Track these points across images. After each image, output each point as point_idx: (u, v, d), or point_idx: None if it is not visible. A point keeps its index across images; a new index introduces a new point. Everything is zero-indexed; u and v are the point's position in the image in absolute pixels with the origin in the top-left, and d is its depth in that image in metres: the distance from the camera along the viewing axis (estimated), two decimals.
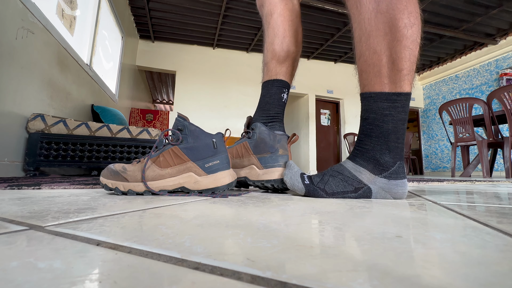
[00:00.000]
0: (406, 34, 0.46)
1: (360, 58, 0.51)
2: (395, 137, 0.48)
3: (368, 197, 0.50)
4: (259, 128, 0.66)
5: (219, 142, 0.58)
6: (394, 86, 0.47)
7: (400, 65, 0.46)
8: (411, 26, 0.46)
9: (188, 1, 3.63)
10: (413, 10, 0.47)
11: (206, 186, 0.56)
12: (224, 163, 0.58)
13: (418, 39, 0.47)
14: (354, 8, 0.51)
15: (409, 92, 0.48)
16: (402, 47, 0.46)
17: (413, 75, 0.48)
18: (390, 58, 0.47)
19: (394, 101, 0.47)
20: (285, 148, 0.66)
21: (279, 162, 0.64)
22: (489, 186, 0.98)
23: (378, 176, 0.49)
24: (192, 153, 0.56)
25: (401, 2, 0.46)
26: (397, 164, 0.49)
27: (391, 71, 0.47)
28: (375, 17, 0.47)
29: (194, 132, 0.57)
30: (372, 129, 0.50)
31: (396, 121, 0.48)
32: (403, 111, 0.48)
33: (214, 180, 0.56)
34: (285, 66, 0.72)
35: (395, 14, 0.46)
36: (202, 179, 0.56)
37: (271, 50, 0.72)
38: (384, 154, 0.48)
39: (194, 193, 0.55)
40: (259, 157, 0.65)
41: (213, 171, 0.56)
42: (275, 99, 0.71)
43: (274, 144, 0.64)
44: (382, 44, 0.47)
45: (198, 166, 0.56)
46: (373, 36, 0.48)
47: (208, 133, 0.58)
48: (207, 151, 0.57)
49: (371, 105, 0.50)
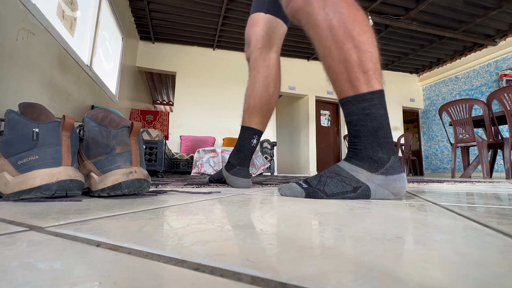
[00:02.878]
0: (362, 40, 0.51)
1: (329, 70, 0.56)
2: (382, 133, 0.51)
3: (367, 196, 0.50)
4: (88, 124, 0.55)
5: (46, 133, 0.46)
6: (366, 86, 0.51)
7: (365, 67, 0.51)
8: (364, 33, 0.52)
9: (188, 2, 3.63)
10: (361, 19, 0.54)
11: (13, 189, 0.43)
12: (48, 159, 0.45)
13: (375, 42, 0.53)
14: (312, 30, 0.57)
15: (381, 89, 0.52)
16: (362, 51, 0.51)
17: (379, 73, 0.52)
18: (355, 64, 0.52)
19: (370, 99, 0.51)
20: (125, 143, 0.54)
21: (117, 163, 0.51)
22: (489, 187, 0.98)
23: (375, 173, 0.50)
24: (6, 147, 0.46)
25: (349, 15, 0.52)
26: (391, 159, 0.50)
27: (359, 74, 0.51)
28: (331, 33, 0.53)
29: (11, 122, 0.46)
30: (359, 130, 0.52)
31: (378, 118, 0.51)
32: (381, 107, 0.51)
33: (22, 181, 0.43)
34: (257, 117, 0.90)
35: (347, 26, 0.52)
36: (13, 180, 0.44)
37: (247, 101, 0.91)
38: (377, 150, 0.50)
39: (5, 198, 0.44)
40: (95, 161, 0.53)
41: (26, 169, 0.44)
42: (246, 143, 0.90)
43: (109, 142, 0.53)
44: (344, 54, 0.52)
45: (10, 164, 0.45)
46: (334, 49, 0.53)
47: (31, 122, 0.46)
48: (22, 144, 0.45)
49: (351, 108, 0.53)
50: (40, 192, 0.43)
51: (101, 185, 0.49)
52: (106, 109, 0.65)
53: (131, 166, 0.51)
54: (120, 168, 0.50)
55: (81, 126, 0.56)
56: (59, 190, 0.44)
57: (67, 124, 0.47)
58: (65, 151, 0.47)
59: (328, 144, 5.42)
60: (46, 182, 0.43)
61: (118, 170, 0.50)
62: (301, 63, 5.29)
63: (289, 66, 5.17)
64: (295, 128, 5.62)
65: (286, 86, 5.08)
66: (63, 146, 0.46)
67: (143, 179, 0.52)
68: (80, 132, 0.56)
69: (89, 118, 0.56)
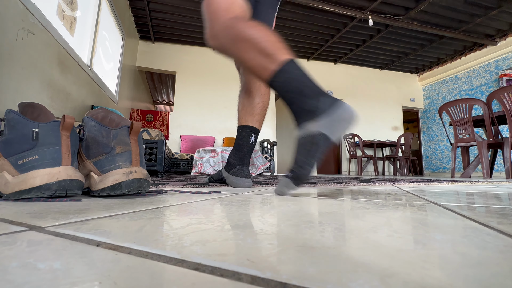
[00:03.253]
0: (254, 36, 0.62)
1: (251, 71, 0.67)
2: (306, 87, 0.60)
3: (327, 139, 0.56)
4: (88, 124, 0.56)
5: (46, 132, 0.46)
6: (274, 65, 0.61)
7: (266, 52, 0.61)
8: (252, 30, 0.63)
9: (188, 2, 3.63)
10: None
11: (13, 189, 0.43)
12: (48, 158, 0.45)
13: (265, 31, 0.63)
14: (228, 51, 0.70)
15: (288, 59, 0.60)
16: (258, 43, 0.63)
17: (281, 48, 0.62)
18: (260, 55, 0.63)
19: (284, 71, 0.60)
20: (126, 142, 0.54)
21: (117, 162, 0.52)
22: (489, 186, 0.98)
23: (318, 119, 0.57)
24: (5, 147, 0.46)
25: (239, 29, 0.65)
26: (321, 100, 0.57)
27: (265, 60, 0.63)
28: (236, 47, 0.67)
29: (10, 121, 0.46)
30: (292, 96, 0.61)
31: (297, 78, 0.60)
32: (295, 69, 0.61)
33: (22, 181, 0.43)
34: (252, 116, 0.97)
35: (241, 36, 0.65)
36: (13, 179, 0.44)
37: (241, 102, 1.00)
38: (307, 103, 0.59)
39: (5, 198, 0.44)
40: (95, 161, 0.54)
41: (26, 169, 0.44)
42: (245, 141, 0.94)
43: (109, 141, 0.53)
44: (250, 54, 0.65)
45: (10, 163, 0.45)
46: (244, 55, 0.67)
47: (31, 122, 0.46)
48: (22, 144, 0.45)
49: (276, 85, 0.63)
50: (40, 192, 0.43)
51: (101, 185, 0.49)
52: (106, 109, 0.65)
53: (131, 166, 0.51)
54: (120, 168, 0.50)
55: (81, 126, 0.56)
56: (59, 190, 0.44)
57: (67, 124, 0.47)
58: (65, 151, 0.47)
59: None
60: (46, 182, 0.43)
61: (118, 170, 0.50)
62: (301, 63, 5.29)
63: None
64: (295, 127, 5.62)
65: None
66: (63, 146, 0.47)
67: (143, 179, 0.52)
68: (80, 132, 0.56)
69: (89, 118, 0.56)
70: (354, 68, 5.67)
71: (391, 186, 0.93)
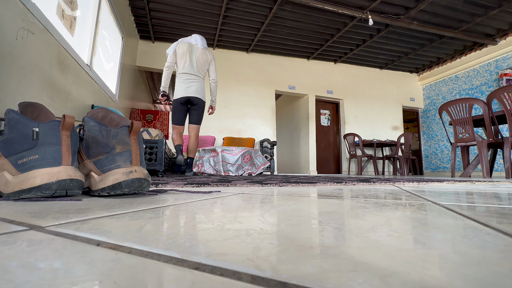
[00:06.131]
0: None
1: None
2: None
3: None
4: (88, 123, 0.55)
5: (46, 132, 0.46)
6: None
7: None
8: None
9: (188, 1, 3.63)
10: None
11: (13, 188, 0.43)
12: (48, 158, 0.45)
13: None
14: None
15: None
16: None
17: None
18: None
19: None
20: (126, 142, 0.54)
21: (117, 162, 0.52)
22: (489, 186, 0.98)
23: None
24: (6, 147, 0.46)
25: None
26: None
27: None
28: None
29: (11, 121, 0.46)
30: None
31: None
32: None
33: (22, 180, 0.43)
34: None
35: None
36: (13, 179, 0.44)
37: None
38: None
39: (6, 197, 0.44)
40: (95, 160, 0.54)
41: (26, 168, 0.44)
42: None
43: (109, 141, 0.53)
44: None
45: (10, 163, 0.45)
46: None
47: (31, 122, 0.46)
48: (22, 143, 0.45)
49: None
50: (40, 192, 0.43)
51: (101, 185, 0.49)
52: (106, 108, 0.65)
53: (131, 165, 0.51)
54: (120, 168, 0.50)
55: (81, 125, 0.56)
56: (59, 190, 0.44)
57: (67, 124, 0.47)
58: (65, 151, 0.47)
59: (328, 143, 5.42)
60: (46, 181, 0.43)
61: (118, 170, 0.50)
62: (301, 62, 5.29)
63: (289, 66, 5.16)
64: (295, 127, 5.62)
65: (286, 85, 5.08)
66: (63, 146, 0.46)
67: (143, 179, 0.52)
68: (80, 132, 0.56)
69: (89, 117, 0.56)
70: (354, 68, 5.66)
71: (391, 186, 0.93)
